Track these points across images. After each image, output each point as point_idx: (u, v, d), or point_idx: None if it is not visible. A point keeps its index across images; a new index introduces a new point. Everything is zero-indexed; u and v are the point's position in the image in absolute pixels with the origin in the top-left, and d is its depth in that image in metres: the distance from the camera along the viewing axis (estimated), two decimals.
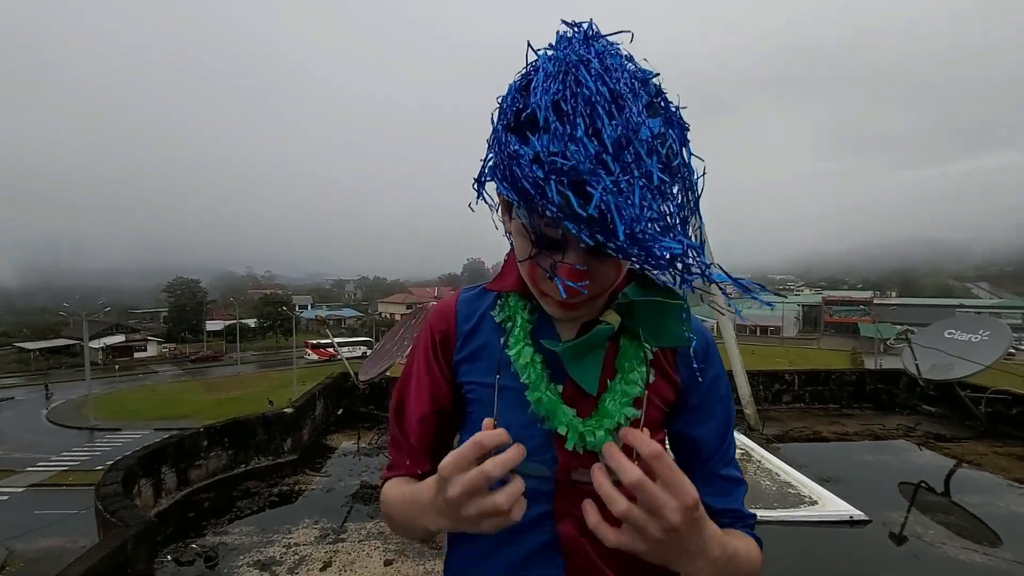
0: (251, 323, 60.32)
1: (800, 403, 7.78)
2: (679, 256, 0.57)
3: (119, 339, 52.43)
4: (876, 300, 68.71)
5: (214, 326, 59.64)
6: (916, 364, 6.63)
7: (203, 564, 3.53)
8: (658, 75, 0.65)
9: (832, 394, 7.82)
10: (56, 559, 12.79)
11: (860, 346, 43.67)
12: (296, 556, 3.63)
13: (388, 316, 68.44)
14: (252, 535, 3.94)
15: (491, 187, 0.69)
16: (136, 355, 52.26)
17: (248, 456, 5.25)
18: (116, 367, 45.66)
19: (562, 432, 0.74)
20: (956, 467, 5.22)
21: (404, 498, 0.77)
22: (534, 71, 0.63)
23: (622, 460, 0.56)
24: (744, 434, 5.85)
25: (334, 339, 12.97)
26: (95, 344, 45.10)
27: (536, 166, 0.57)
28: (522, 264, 0.73)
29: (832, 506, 4.03)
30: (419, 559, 3.54)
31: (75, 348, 48.59)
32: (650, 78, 0.64)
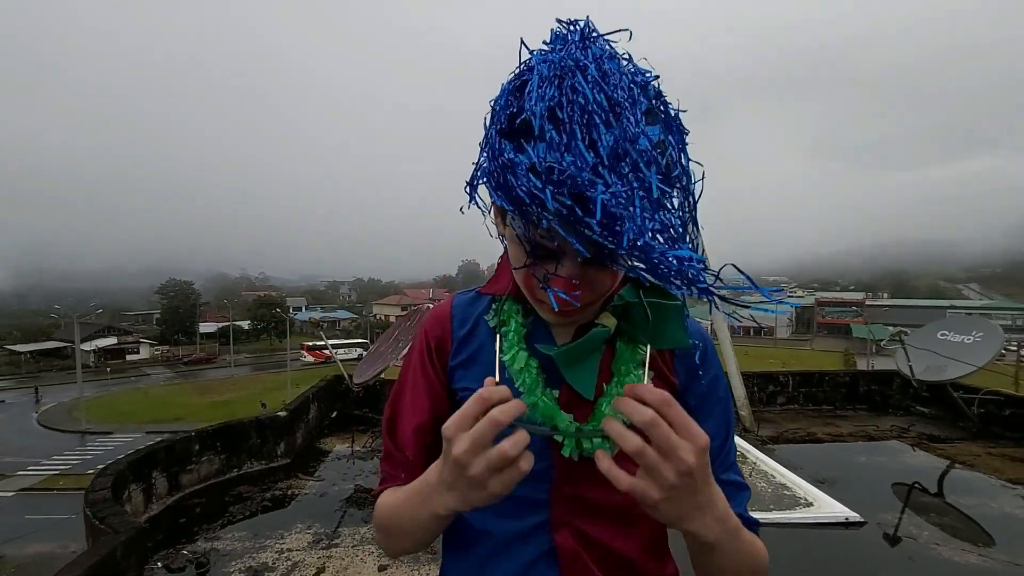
0: (245, 325, 60.18)
1: (794, 404, 7.80)
2: (684, 267, 0.55)
3: (111, 341, 52.19)
4: (868, 301, 69.11)
5: (207, 328, 59.39)
6: (910, 365, 6.67)
7: (194, 571, 3.48)
8: (658, 77, 0.63)
9: (826, 395, 7.85)
10: (46, 564, 12.70)
11: (852, 347, 43.92)
12: (289, 562, 3.59)
13: (383, 318, 68.34)
14: (244, 541, 3.89)
15: (483, 190, 0.68)
16: (128, 357, 52.03)
17: (240, 460, 5.20)
18: (108, 370, 45.44)
19: (559, 439, 0.72)
20: (949, 468, 5.25)
21: (406, 494, 0.74)
22: (527, 71, 0.61)
23: (633, 404, 0.56)
24: (739, 436, 5.85)
25: (327, 341, 12.91)
26: (87, 346, 44.83)
27: (532, 176, 0.55)
28: (517, 271, 0.72)
29: (828, 508, 4.03)
30: (414, 564, 3.51)
31: (66, 350, 48.23)
32: (649, 81, 0.62)
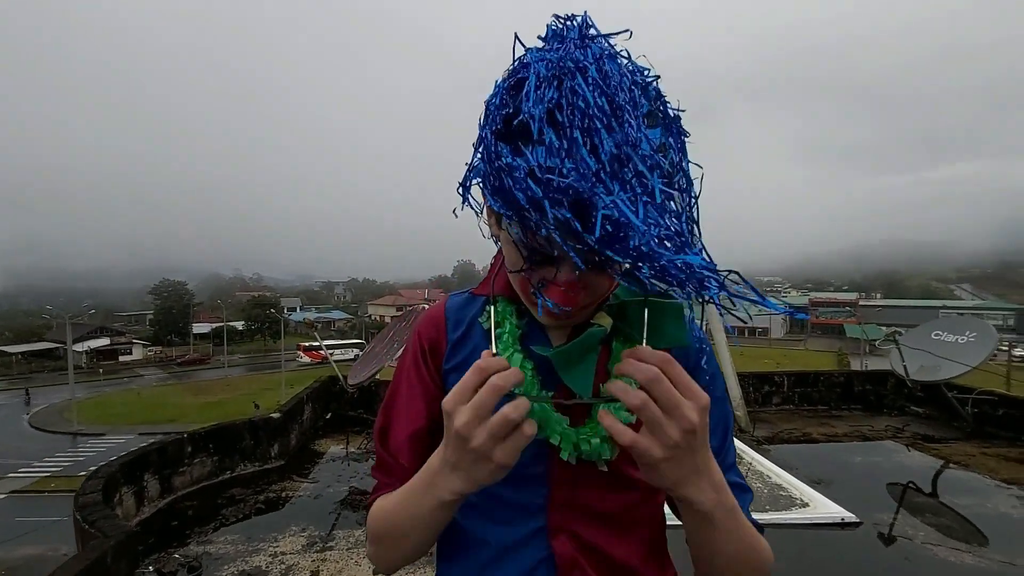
0: (239, 326, 59.89)
1: (790, 405, 7.83)
2: (692, 274, 0.54)
3: (104, 342, 51.89)
4: (861, 301, 69.64)
5: (201, 329, 59.14)
6: (904, 365, 6.70)
7: (186, 574, 3.45)
8: (658, 77, 0.62)
9: (821, 395, 7.88)
10: (37, 567, 12.62)
11: (846, 347, 44.21)
12: (283, 565, 3.56)
13: (378, 318, 68.26)
14: (237, 544, 3.86)
15: (476, 189, 0.66)
16: (121, 358, 51.73)
17: (233, 462, 5.17)
18: (100, 370, 45.10)
19: (555, 442, 0.70)
20: (944, 468, 5.27)
21: (405, 491, 0.71)
22: (522, 67, 0.59)
23: (635, 362, 0.55)
24: (735, 436, 5.86)
25: (322, 342, 12.87)
26: (79, 347, 44.52)
27: (532, 182, 0.53)
28: (512, 275, 0.70)
29: (823, 508, 4.04)
30: (409, 567, 3.48)
31: (58, 351, 47.93)
32: (650, 82, 0.61)
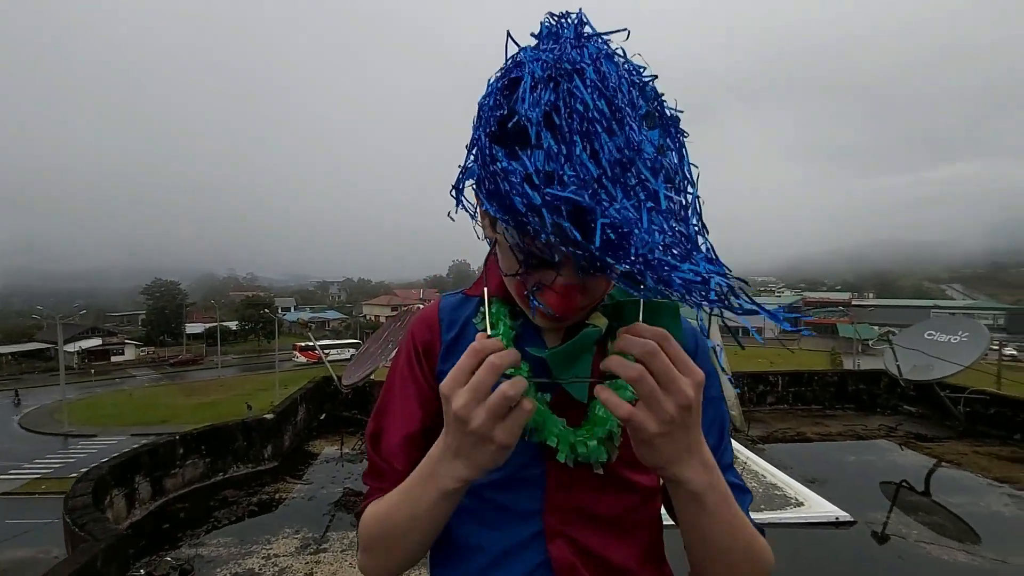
0: (232, 326, 59.58)
1: (784, 404, 7.85)
2: (699, 282, 0.52)
3: (95, 342, 51.47)
4: (854, 301, 70.11)
5: (194, 329, 58.79)
6: (897, 365, 6.74)
7: None
8: (655, 77, 0.60)
9: (815, 395, 7.90)
10: (27, 570, 12.51)
11: (839, 346, 44.43)
12: (276, 568, 3.53)
13: (373, 318, 68.09)
14: (230, 546, 3.83)
15: (469, 192, 0.65)
16: (113, 359, 51.38)
17: (226, 464, 5.12)
18: (92, 371, 44.73)
19: (552, 444, 0.69)
20: (936, 466, 5.30)
21: (402, 490, 0.69)
22: (516, 67, 0.58)
23: (632, 338, 0.55)
24: (730, 436, 5.88)
25: (316, 342, 12.82)
26: (70, 348, 44.14)
27: (529, 187, 0.51)
28: (507, 278, 0.69)
29: (818, 507, 4.05)
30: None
31: (49, 352, 47.52)
32: (647, 82, 0.59)
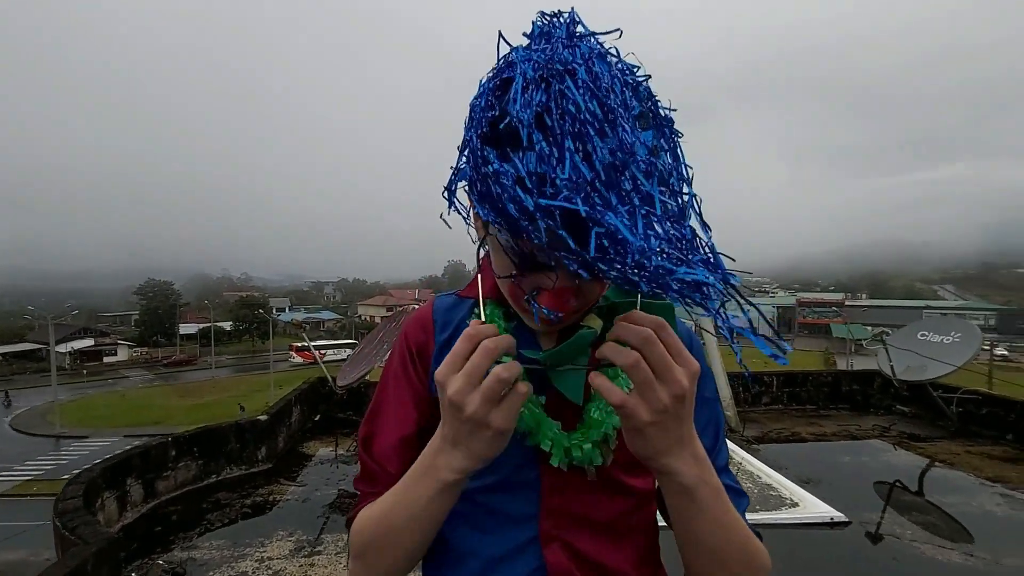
0: (226, 326, 59.22)
1: (779, 404, 7.88)
2: (695, 288, 0.51)
3: (88, 343, 51.03)
4: (847, 302, 70.43)
5: (188, 329, 58.41)
6: (891, 365, 6.77)
7: None
8: (649, 77, 0.59)
9: (809, 395, 7.94)
10: (18, 572, 12.38)
11: (832, 346, 44.66)
12: (270, 571, 3.51)
13: (368, 319, 67.87)
14: (223, 549, 3.80)
15: (463, 193, 0.63)
16: (106, 359, 50.96)
17: (219, 466, 5.08)
18: (84, 372, 44.36)
19: (546, 448, 0.68)
20: (930, 466, 5.32)
21: (397, 489, 0.66)
22: (507, 67, 0.57)
23: (629, 325, 0.55)
24: (725, 436, 5.89)
25: (310, 343, 12.78)
26: (62, 348, 43.78)
27: (520, 190, 0.50)
28: (501, 280, 0.67)
29: (813, 508, 4.06)
30: None
31: (41, 352, 47.10)
32: (640, 82, 0.58)
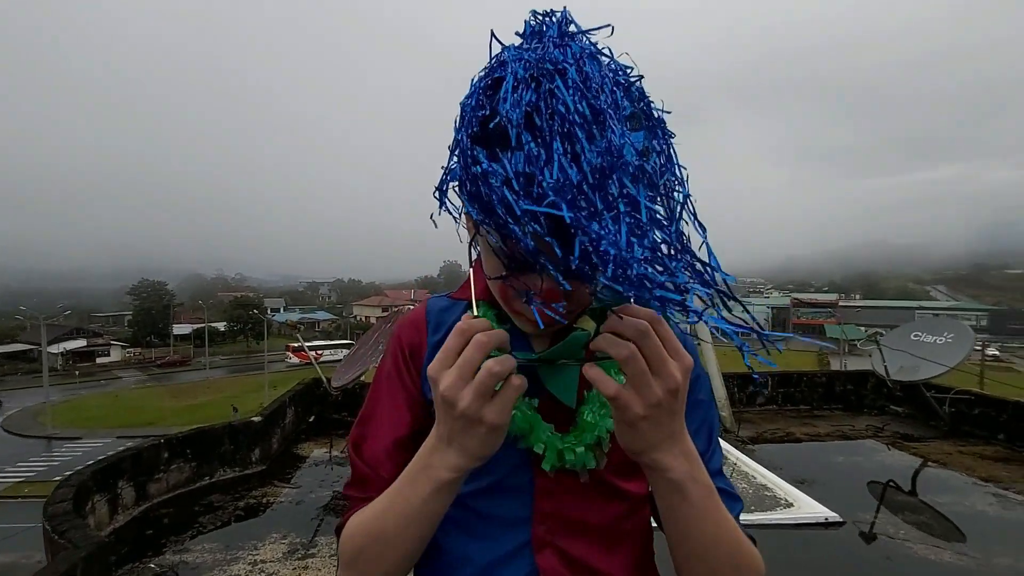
0: (220, 327, 58.96)
1: (773, 405, 7.90)
2: (678, 298, 0.50)
3: (80, 344, 50.69)
4: (841, 302, 70.87)
5: (181, 330, 58.13)
6: (885, 366, 6.80)
7: None
8: (641, 77, 0.58)
9: (803, 396, 7.96)
10: (10, 575, 12.25)
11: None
12: (262, 574, 3.48)
13: (363, 319, 67.74)
14: (215, 552, 3.76)
15: (454, 194, 0.62)
16: (99, 360, 50.66)
17: (212, 468, 5.04)
18: (76, 373, 44.04)
19: (539, 451, 0.67)
20: (923, 466, 5.35)
21: (391, 491, 0.65)
22: (499, 66, 0.56)
23: (624, 318, 0.55)
24: (720, 437, 5.90)
25: (303, 343, 12.73)
26: (54, 349, 43.47)
27: (508, 191, 0.50)
28: (492, 282, 0.66)
29: (807, 508, 4.07)
30: None
31: (32, 353, 46.76)
32: (633, 82, 0.58)
